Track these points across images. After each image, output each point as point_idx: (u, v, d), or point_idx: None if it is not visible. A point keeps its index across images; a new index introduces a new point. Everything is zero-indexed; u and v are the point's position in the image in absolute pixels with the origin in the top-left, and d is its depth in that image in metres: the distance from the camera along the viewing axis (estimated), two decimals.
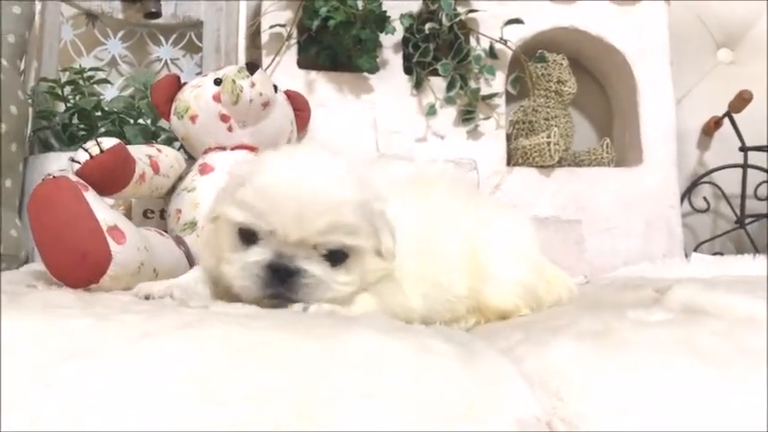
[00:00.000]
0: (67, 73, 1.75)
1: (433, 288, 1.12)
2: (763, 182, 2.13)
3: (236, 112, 1.48)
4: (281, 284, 0.95)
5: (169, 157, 1.42)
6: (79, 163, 1.18)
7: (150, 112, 1.71)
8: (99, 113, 1.72)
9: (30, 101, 1.67)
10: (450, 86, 1.90)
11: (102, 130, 1.71)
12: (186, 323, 0.76)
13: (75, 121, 1.74)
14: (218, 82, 1.49)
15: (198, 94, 1.49)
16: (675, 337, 0.78)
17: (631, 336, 0.80)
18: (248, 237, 0.97)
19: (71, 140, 1.69)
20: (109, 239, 1.11)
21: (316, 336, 0.73)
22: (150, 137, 1.71)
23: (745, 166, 2.11)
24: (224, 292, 1.05)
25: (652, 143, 2.01)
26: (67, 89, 1.74)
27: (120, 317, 0.78)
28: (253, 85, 1.46)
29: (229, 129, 1.49)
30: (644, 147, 2.01)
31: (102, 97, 1.85)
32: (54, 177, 1.14)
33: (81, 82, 1.71)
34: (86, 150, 1.18)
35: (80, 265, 1.09)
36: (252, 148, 1.52)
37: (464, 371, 0.71)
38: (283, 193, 0.94)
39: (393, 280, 1.07)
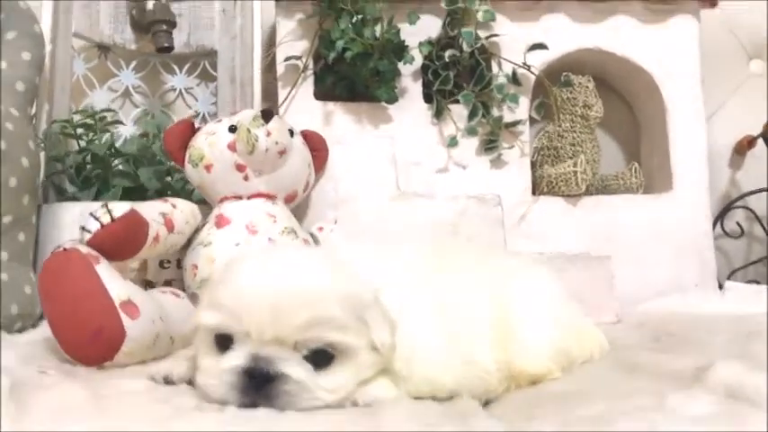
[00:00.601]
0: (79, 115, 1.70)
1: (462, 366, 1.06)
2: None
3: (252, 161, 1.43)
4: (256, 392, 0.86)
5: (184, 213, 1.38)
6: (90, 232, 1.14)
7: (164, 155, 1.67)
8: (112, 153, 1.68)
9: (42, 145, 1.63)
10: (471, 115, 1.84)
11: (116, 170, 1.67)
12: None
13: (88, 161, 1.70)
14: (232, 129, 1.44)
15: (212, 143, 1.45)
16: None
17: None
18: (224, 343, 0.89)
19: (85, 184, 1.65)
20: (122, 315, 1.08)
21: None
22: (164, 178, 1.67)
23: None
24: None
25: (682, 168, 1.94)
26: (80, 129, 1.70)
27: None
28: (268, 134, 1.41)
29: (245, 178, 1.45)
30: (674, 171, 1.93)
31: (116, 132, 1.81)
32: (64, 249, 1.11)
33: (93, 122, 1.67)
34: (97, 219, 1.14)
35: (93, 343, 1.06)
36: (269, 196, 1.48)
37: None
38: (257, 288, 0.87)
39: (419, 356, 1.02)
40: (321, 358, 0.89)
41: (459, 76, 1.87)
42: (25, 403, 0.84)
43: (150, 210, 1.27)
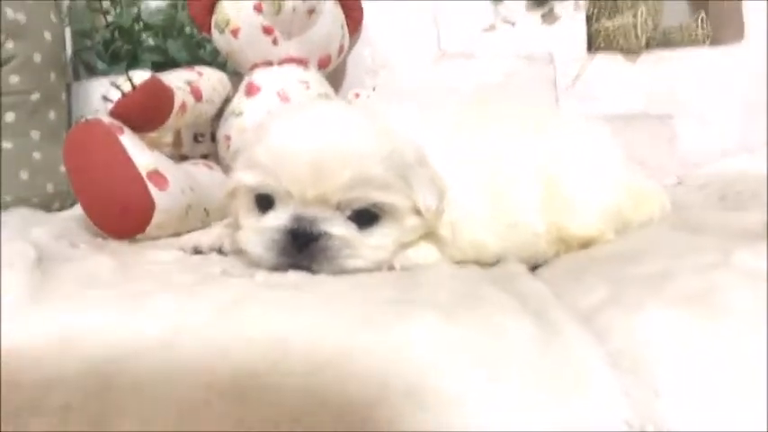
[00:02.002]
0: None
1: (507, 229, 0.99)
2: None
3: (280, 22, 1.34)
4: (299, 252, 0.82)
5: (211, 80, 1.31)
6: (112, 102, 1.08)
7: (192, 24, 1.58)
8: (140, 27, 1.60)
9: (66, 20, 1.56)
10: None
11: (145, 45, 1.60)
12: (226, 307, 0.68)
13: (116, 36, 1.63)
14: None
15: (238, 5, 1.35)
16: None
17: (738, 298, 0.67)
18: (265, 203, 0.85)
19: (114, 59, 1.59)
20: (150, 186, 1.04)
21: (372, 324, 0.64)
22: (195, 50, 1.59)
23: None
24: None
25: (756, 15, 1.74)
26: (106, 3, 1.62)
27: (155, 301, 0.70)
28: None
29: (274, 41, 1.36)
30: (745, 20, 1.75)
31: (142, 6, 1.72)
32: (87, 121, 1.06)
33: None
34: (118, 87, 1.08)
35: (122, 217, 1.03)
36: (301, 61, 1.39)
37: (542, 363, 0.60)
38: (297, 147, 0.81)
39: (463, 219, 0.95)
40: (365, 218, 0.84)
41: None
42: (52, 274, 0.81)
43: (175, 78, 1.20)
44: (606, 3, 1.77)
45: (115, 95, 1.08)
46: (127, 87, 1.08)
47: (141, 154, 1.05)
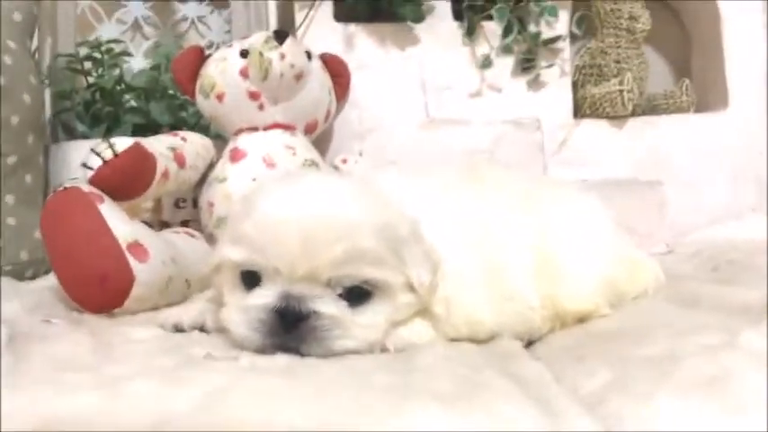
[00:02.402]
0: (83, 48, 1.60)
1: (503, 302, 0.96)
2: None
3: (267, 88, 1.32)
4: (287, 332, 0.77)
5: (195, 146, 1.28)
6: (92, 169, 1.04)
7: (174, 87, 1.56)
8: (121, 87, 1.57)
9: (46, 82, 1.53)
10: (506, 32, 1.69)
11: (127, 107, 1.57)
12: (210, 396, 0.64)
13: (97, 98, 1.60)
14: (244, 54, 1.32)
15: (223, 70, 1.33)
16: None
17: (753, 387, 0.64)
18: (251, 279, 0.80)
19: (95, 122, 1.56)
20: (129, 258, 0.99)
21: (371, 415, 0.60)
22: (177, 112, 1.57)
23: None
24: None
25: (738, 83, 1.77)
26: (88, 64, 1.60)
27: (136, 386, 0.66)
28: (283, 56, 1.29)
29: (260, 107, 1.33)
30: (729, 88, 1.77)
31: (126, 66, 1.69)
32: (65, 189, 1.02)
33: (99, 56, 1.56)
34: (98, 154, 1.05)
35: (100, 290, 0.99)
36: (287, 127, 1.36)
37: None
38: (286, 220, 0.77)
39: (457, 293, 0.91)
40: (356, 296, 0.80)
41: None
42: (25, 354, 0.76)
43: (158, 144, 1.17)
44: (592, 70, 1.79)
45: (95, 163, 1.04)
46: (108, 154, 1.04)
47: (121, 224, 1.01)
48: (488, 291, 0.93)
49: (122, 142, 1.06)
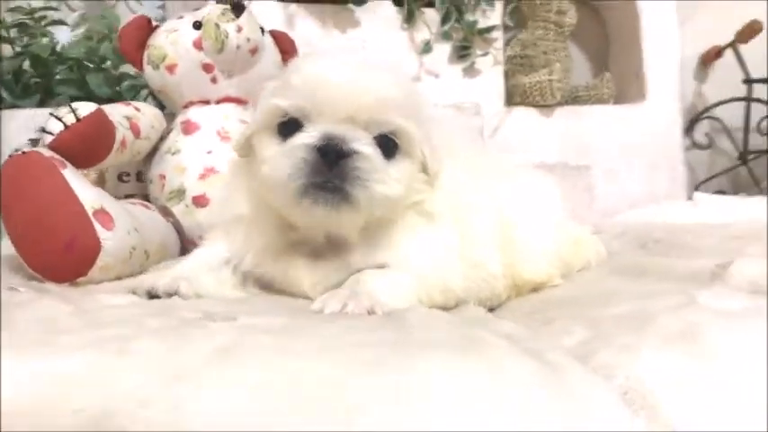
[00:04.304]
0: (15, 14, 1.51)
1: (471, 268, 1.00)
2: (766, 116, 2.04)
3: (222, 60, 1.30)
4: (330, 169, 0.81)
5: (148, 116, 1.25)
6: (52, 134, 1.00)
7: (115, 57, 1.51)
8: (55, 58, 1.51)
9: None
10: (445, 19, 1.74)
11: (60, 78, 1.50)
12: (218, 352, 0.63)
13: (25, 68, 1.53)
14: (197, 26, 1.30)
15: (175, 40, 1.30)
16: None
17: (720, 338, 0.71)
18: (291, 129, 0.85)
19: (25, 92, 1.48)
20: (96, 225, 0.96)
21: (373, 364, 0.61)
22: (115, 85, 1.52)
23: (749, 100, 2.02)
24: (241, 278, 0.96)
25: (655, 77, 1.90)
26: (13, 31, 1.52)
27: (141, 344, 0.65)
28: (239, 29, 1.28)
29: (213, 80, 1.32)
30: (647, 81, 1.90)
31: (55, 41, 1.62)
32: (24, 153, 0.97)
33: (31, 23, 1.49)
34: (60, 119, 1.01)
35: (65, 258, 0.95)
36: (239, 101, 1.35)
37: (558, 404, 0.60)
38: (331, 72, 0.85)
39: (434, 257, 0.95)
40: (387, 146, 0.86)
41: None
42: (8, 320, 0.73)
43: (114, 112, 1.13)
44: (522, 60, 1.86)
45: (56, 127, 1.00)
46: (70, 119, 1.01)
47: (86, 191, 0.98)
48: (462, 257, 0.98)
49: (84, 107, 1.03)
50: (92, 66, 1.53)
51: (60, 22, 1.60)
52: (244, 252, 0.96)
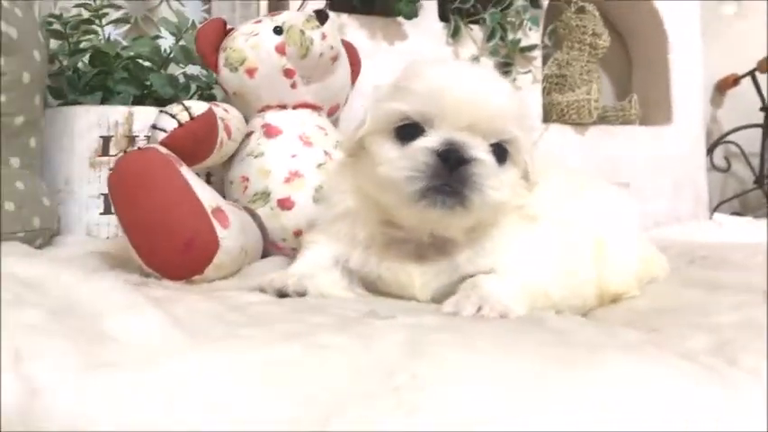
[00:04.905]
0: (78, 9, 1.50)
1: (567, 276, 1.04)
2: None
3: (304, 66, 1.31)
4: (449, 174, 0.85)
5: (236, 118, 1.25)
6: (164, 131, 1.01)
7: (183, 58, 1.51)
8: (121, 56, 1.50)
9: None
10: (490, 36, 1.78)
11: (119, 76, 1.49)
12: (404, 344, 0.66)
13: (82, 65, 1.52)
14: (278, 30, 1.31)
15: (256, 44, 1.31)
16: None
17: None
18: (410, 133, 0.88)
19: (87, 89, 1.47)
20: (215, 224, 0.97)
21: (570, 362, 0.64)
22: (177, 87, 1.51)
23: (767, 127, 2.12)
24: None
25: (682, 101, 1.98)
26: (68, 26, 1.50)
27: (328, 338, 0.66)
28: (324, 37, 1.30)
29: (293, 85, 1.33)
30: (674, 105, 1.97)
31: (104, 36, 1.61)
32: (140, 150, 0.98)
33: (97, 21, 1.48)
34: (173, 116, 1.01)
35: (184, 254, 0.96)
36: (315, 107, 1.37)
37: (734, 403, 0.64)
38: (454, 77, 0.89)
39: (536, 259, 0.99)
40: (499, 154, 0.90)
41: None
42: (175, 313, 0.73)
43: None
44: (557, 79, 1.92)
45: (169, 125, 1.01)
46: (185, 117, 1.01)
47: (203, 189, 0.99)
48: (561, 264, 1.02)
49: (197, 106, 1.04)
50: (146, 65, 1.53)
51: (123, 20, 1.59)
52: (349, 251, 0.98)
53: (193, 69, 1.61)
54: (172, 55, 1.51)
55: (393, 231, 0.96)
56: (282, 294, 0.92)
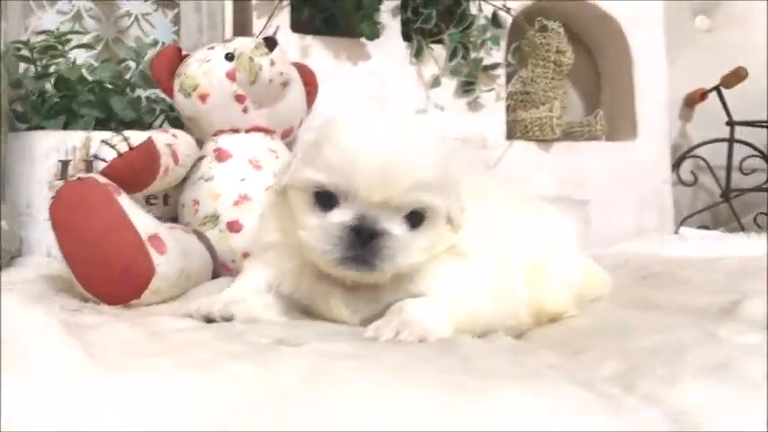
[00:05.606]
0: (41, 36, 1.55)
1: (499, 298, 1.06)
2: (748, 156, 2.17)
3: (254, 92, 1.35)
4: (362, 247, 0.90)
5: (185, 144, 1.29)
6: (105, 161, 1.05)
7: (143, 82, 1.55)
8: (83, 80, 1.54)
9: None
10: (452, 56, 1.82)
11: (84, 100, 1.53)
12: (307, 375, 0.68)
13: (48, 88, 1.56)
14: (230, 57, 1.35)
15: (208, 71, 1.35)
16: None
17: (756, 368, 0.77)
18: (326, 201, 0.91)
19: (51, 113, 1.51)
20: (150, 251, 1.01)
21: (461, 389, 0.67)
22: (139, 110, 1.55)
23: (732, 141, 2.14)
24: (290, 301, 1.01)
25: (646, 116, 2.01)
26: (36, 52, 1.55)
27: (233, 367, 0.69)
28: (272, 63, 1.34)
29: (244, 110, 1.37)
30: (638, 120, 2.00)
31: (72, 60, 1.65)
32: (80, 179, 1.01)
33: (60, 47, 1.52)
34: (113, 147, 1.05)
35: (120, 282, 0.99)
36: (268, 131, 1.40)
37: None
38: (368, 151, 0.89)
39: (465, 286, 1.01)
40: (415, 219, 0.93)
41: (439, 15, 1.83)
42: (90, 342, 0.76)
43: (159, 141, 1.17)
44: (522, 96, 1.95)
45: (109, 155, 1.05)
46: (123, 147, 1.05)
47: (140, 217, 1.02)
48: (492, 287, 1.05)
49: (136, 136, 1.07)
50: (111, 88, 1.56)
51: (88, 46, 1.64)
52: (281, 277, 1.02)
53: (159, 92, 1.65)
54: (132, 80, 1.55)
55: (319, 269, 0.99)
56: (209, 320, 0.96)
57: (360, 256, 0.90)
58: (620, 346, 0.92)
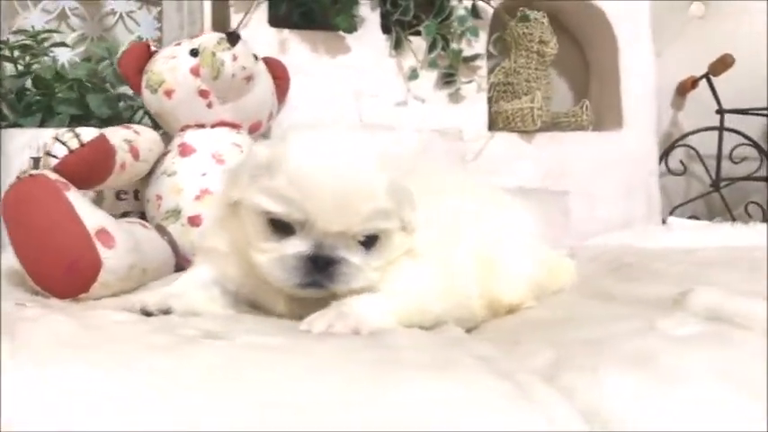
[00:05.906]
0: (18, 36, 1.58)
1: (449, 290, 1.07)
2: (739, 145, 2.13)
3: (217, 87, 1.37)
4: (318, 273, 0.91)
5: (148, 140, 1.31)
6: (56, 158, 1.06)
7: (115, 79, 1.57)
8: (58, 78, 1.57)
9: None
10: (431, 48, 1.81)
11: (62, 97, 1.56)
12: (216, 368, 0.70)
13: (27, 86, 1.59)
14: (194, 53, 1.37)
15: (173, 67, 1.37)
16: (716, 366, 0.75)
17: (675, 362, 0.77)
18: (281, 227, 0.92)
19: (26, 111, 1.54)
20: (97, 245, 1.03)
21: (365, 382, 0.68)
22: (115, 105, 1.58)
23: (722, 129, 2.11)
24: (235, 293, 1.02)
25: (632, 106, 1.98)
26: (16, 51, 1.58)
27: (143, 361, 0.71)
28: (235, 58, 1.35)
29: (209, 105, 1.38)
30: (624, 110, 1.98)
31: (53, 58, 1.68)
32: (31, 176, 1.04)
33: (35, 45, 1.55)
34: (64, 143, 1.07)
35: (67, 276, 1.01)
36: (233, 125, 1.42)
37: (525, 423, 0.66)
38: (322, 181, 0.89)
39: (413, 280, 1.02)
40: (370, 242, 0.94)
41: (418, 7, 1.83)
42: (17, 337, 0.78)
43: (115, 136, 1.20)
44: (505, 87, 1.94)
45: (60, 151, 1.07)
46: (74, 144, 1.07)
47: (88, 212, 1.04)
48: (441, 281, 1.05)
49: (87, 132, 1.09)
50: (90, 86, 1.59)
51: (63, 45, 1.67)
52: (226, 276, 1.02)
53: None
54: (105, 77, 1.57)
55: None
56: (147, 313, 0.97)
57: (317, 281, 0.92)
58: (556, 338, 0.93)
